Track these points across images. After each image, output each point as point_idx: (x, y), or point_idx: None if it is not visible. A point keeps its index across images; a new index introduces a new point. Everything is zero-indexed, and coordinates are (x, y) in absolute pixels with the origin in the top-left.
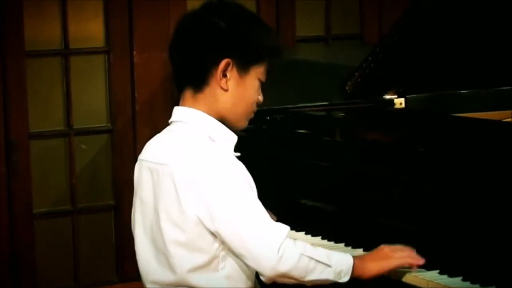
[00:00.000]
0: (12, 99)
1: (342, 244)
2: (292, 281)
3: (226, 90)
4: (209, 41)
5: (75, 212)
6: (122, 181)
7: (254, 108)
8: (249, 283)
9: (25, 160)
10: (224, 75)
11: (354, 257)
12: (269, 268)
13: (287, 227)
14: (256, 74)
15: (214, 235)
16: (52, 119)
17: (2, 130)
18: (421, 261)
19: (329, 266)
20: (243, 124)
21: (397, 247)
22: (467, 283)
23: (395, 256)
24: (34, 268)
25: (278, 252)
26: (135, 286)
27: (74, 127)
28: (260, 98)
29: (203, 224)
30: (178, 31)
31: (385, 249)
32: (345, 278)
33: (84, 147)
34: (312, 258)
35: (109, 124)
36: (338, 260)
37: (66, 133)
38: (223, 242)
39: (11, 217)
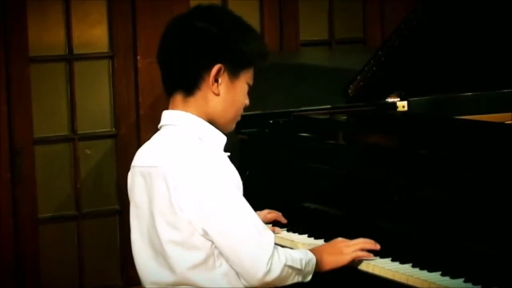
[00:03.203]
0: (16, 104)
1: None
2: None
3: (217, 95)
4: (201, 47)
5: (79, 217)
6: (127, 185)
7: (242, 111)
8: None
9: (30, 166)
10: (216, 80)
11: (314, 254)
12: (256, 279)
13: (273, 235)
14: (245, 79)
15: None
16: (56, 124)
17: (7, 135)
18: (376, 246)
19: (300, 270)
20: (231, 127)
21: (351, 241)
22: (469, 284)
23: (348, 251)
24: (39, 273)
25: (267, 265)
26: None
27: (79, 132)
28: (247, 101)
29: (194, 226)
30: (168, 37)
31: (339, 243)
32: (308, 278)
33: (88, 152)
34: (291, 267)
35: (113, 129)
36: (306, 262)
37: (71, 138)
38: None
39: (15, 222)
